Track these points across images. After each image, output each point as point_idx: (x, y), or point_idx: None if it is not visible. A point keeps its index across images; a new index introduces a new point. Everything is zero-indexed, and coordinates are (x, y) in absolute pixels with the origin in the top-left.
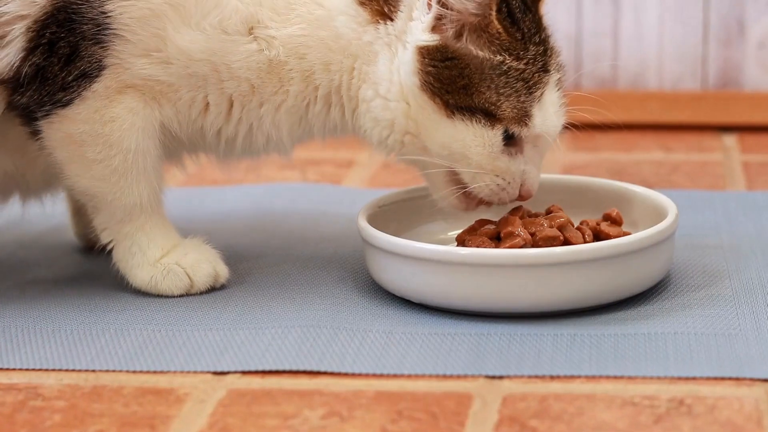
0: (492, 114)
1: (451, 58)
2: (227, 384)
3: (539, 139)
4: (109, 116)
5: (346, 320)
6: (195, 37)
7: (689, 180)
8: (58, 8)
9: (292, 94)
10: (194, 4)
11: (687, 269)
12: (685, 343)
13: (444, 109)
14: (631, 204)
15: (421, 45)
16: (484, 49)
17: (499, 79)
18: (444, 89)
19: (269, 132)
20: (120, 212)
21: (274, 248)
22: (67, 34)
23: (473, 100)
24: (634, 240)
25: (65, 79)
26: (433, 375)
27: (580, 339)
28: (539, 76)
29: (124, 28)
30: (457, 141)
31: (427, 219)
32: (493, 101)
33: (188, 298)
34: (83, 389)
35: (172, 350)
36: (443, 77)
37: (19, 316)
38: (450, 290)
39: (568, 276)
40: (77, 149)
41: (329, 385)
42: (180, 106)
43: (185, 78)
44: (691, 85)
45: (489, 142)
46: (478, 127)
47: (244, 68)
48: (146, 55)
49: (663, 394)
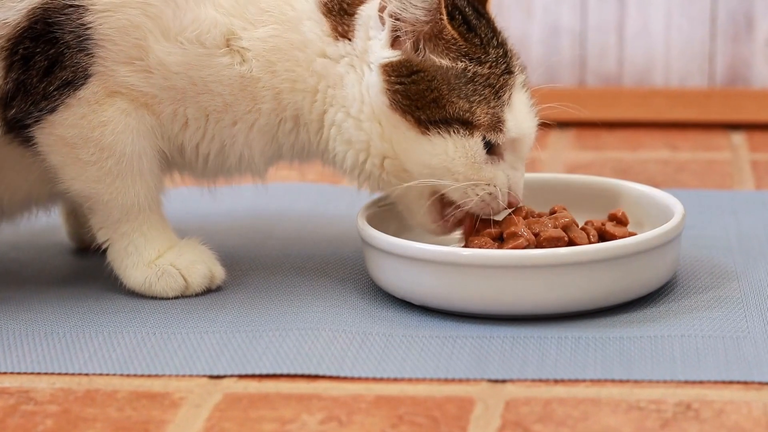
0: (468, 122)
1: (417, 71)
2: (223, 388)
3: (517, 143)
4: (98, 121)
5: (345, 323)
6: (172, 50)
7: (696, 179)
8: (35, 21)
9: (265, 113)
10: (172, 18)
11: (694, 270)
12: (693, 346)
13: (417, 127)
14: (637, 204)
15: (384, 63)
16: (443, 57)
17: (467, 87)
18: (414, 105)
19: (242, 151)
20: (117, 212)
21: (272, 249)
22: (44, 47)
23: (447, 112)
24: (639, 241)
25: (46, 89)
26: (434, 379)
27: (584, 342)
28: (504, 79)
29: (104, 38)
30: (436, 156)
31: None
32: (466, 109)
33: (183, 300)
34: (76, 393)
35: (167, 353)
36: (411, 93)
37: (10, 319)
38: (451, 292)
39: (572, 277)
40: (71, 151)
41: (328, 389)
42: (164, 119)
43: (166, 90)
44: (699, 81)
45: (471, 151)
46: (457, 138)
47: (216, 82)
48: (129, 62)
49: (670, 398)
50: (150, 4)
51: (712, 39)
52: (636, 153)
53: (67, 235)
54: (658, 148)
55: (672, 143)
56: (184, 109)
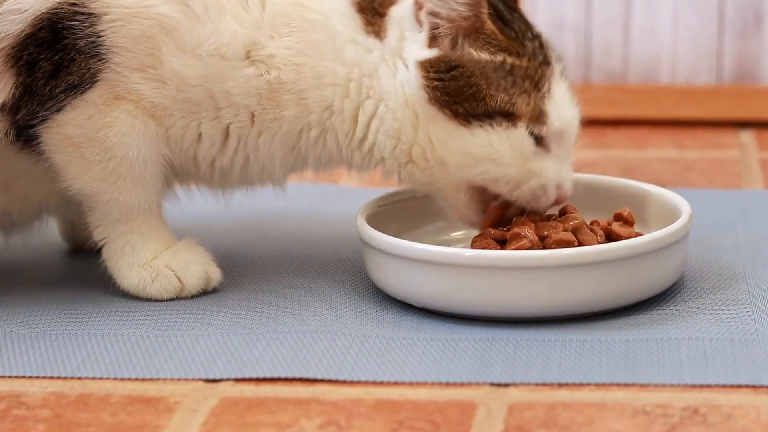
0: (510, 113)
1: (455, 67)
2: (220, 392)
3: (561, 134)
4: (104, 122)
5: (344, 325)
6: (190, 63)
7: (704, 178)
8: (39, 28)
9: (287, 120)
10: (189, 32)
11: (701, 271)
12: (700, 349)
13: (456, 119)
14: (643, 203)
15: (422, 60)
16: (483, 51)
17: (506, 80)
18: (453, 100)
19: (264, 162)
20: (116, 212)
21: (269, 250)
22: (48, 53)
23: (487, 105)
24: (646, 241)
25: (52, 91)
26: (436, 383)
27: (589, 345)
28: (542, 70)
29: (117, 45)
30: (478, 147)
31: (429, 219)
32: (506, 101)
33: (179, 302)
34: (69, 397)
35: (161, 357)
36: (451, 89)
37: (1, 321)
38: (453, 294)
39: (576, 279)
40: (76, 150)
41: (327, 393)
42: (173, 133)
43: (179, 102)
44: (706, 78)
45: (517, 142)
46: (501, 130)
47: (242, 95)
48: (141, 69)
49: (676, 402)
50: (166, 15)
51: (720, 35)
52: (642, 151)
53: (60, 235)
54: (665, 147)
55: (679, 141)
56: (198, 124)
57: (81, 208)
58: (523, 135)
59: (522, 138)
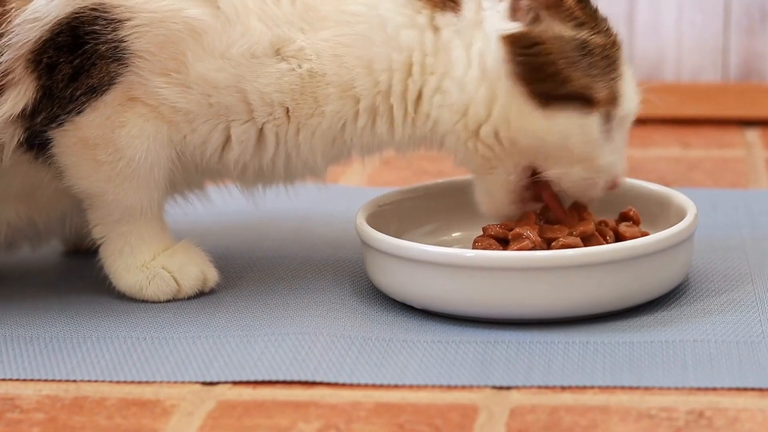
0: (588, 98)
1: (537, 44)
2: (217, 395)
3: (624, 120)
4: (118, 121)
5: (343, 327)
6: (221, 66)
7: (709, 178)
8: (58, 33)
9: (328, 115)
10: (219, 34)
11: (707, 272)
12: (705, 351)
13: (536, 99)
14: (648, 203)
15: (505, 34)
16: (563, 27)
17: (585, 60)
18: (535, 78)
19: (307, 159)
20: (118, 212)
21: (267, 250)
22: (69, 56)
23: (567, 87)
24: (650, 242)
25: (73, 94)
26: (437, 385)
27: (593, 347)
28: (616, 49)
29: (141, 50)
30: (554, 133)
31: (429, 219)
32: (585, 84)
33: (175, 304)
34: (63, 401)
35: (158, 359)
36: (533, 65)
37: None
38: (454, 295)
39: (580, 280)
40: (88, 152)
41: (326, 396)
42: (192, 140)
43: (205, 107)
44: (711, 76)
45: (589, 128)
46: (576, 115)
47: (276, 92)
48: (165, 73)
49: (681, 405)
50: (196, 19)
51: (725, 32)
52: (646, 150)
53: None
54: (670, 146)
55: (684, 140)
56: (225, 128)
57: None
58: (596, 121)
59: (595, 124)
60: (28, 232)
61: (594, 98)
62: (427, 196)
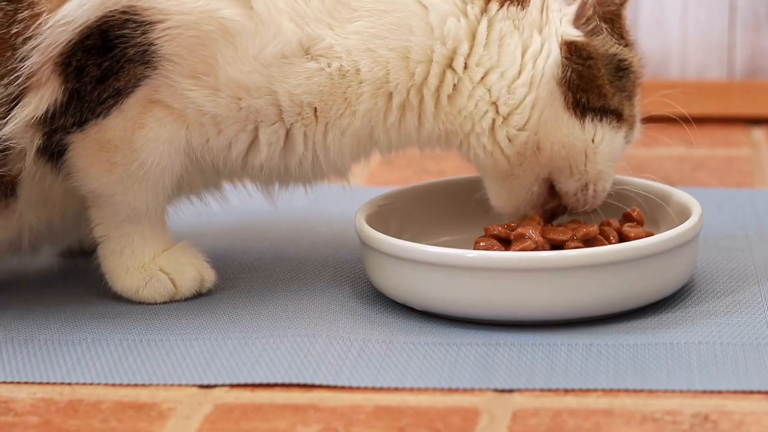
0: (621, 115)
1: (592, 57)
2: (214, 398)
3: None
4: (139, 122)
5: (342, 329)
6: (253, 67)
7: (715, 177)
8: (87, 36)
9: (360, 115)
10: (252, 36)
11: (712, 273)
12: (711, 353)
13: (574, 108)
14: (652, 203)
15: (568, 40)
16: (616, 46)
17: (622, 81)
18: (582, 87)
19: (335, 159)
20: (124, 213)
21: (265, 251)
22: (98, 59)
23: (607, 102)
24: (654, 242)
25: (100, 95)
26: (437, 388)
27: (596, 349)
28: (639, 78)
29: (171, 53)
30: (582, 142)
31: (431, 219)
32: (619, 102)
33: (172, 305)
34: (58, 404)
35: (154, 362)
36: (585, 76)
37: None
38: (456, 296)
39: (583, 281)
40: (104, 155)
41: (325, 399)
42: (216, 144)
43: (235, 111)
44: (717, 74)
45: (615, 145)
46: (608, 129)
47: (306, 92)
48: (194, 76)
49: (686, 409)
50: (231, 20)
51: (731, 29)
52: (651, 149)
53: None
54: (674, 145)
55: (689, 139)
56: (252, 130)
57: None
58: (621, 138)
59: (620, 141)
60: (47, 235)
61: (624, 116)
62: (428, 196)
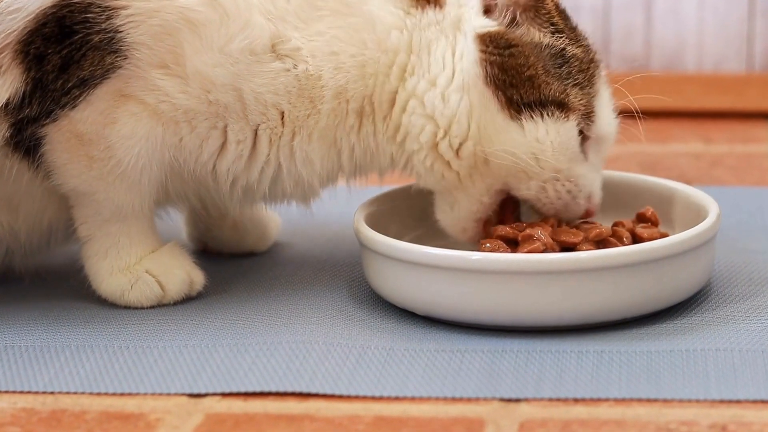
0: (564, 104)
1: (513, 45)
2: (205, 408)
3: (600, 142)
4: (111, 117)
5: (340, 335)
6: (219, 61)
7: (733, 175)
8: (43, 23)
9: (324, 114)
10: (218, 27)
11: (730, 276)
12: (729, 361)
13: (509, 108)
14: (667, 202)
15: (481, 32)
16: (542, 32)
17: (562, 69)
18: (509, 82)
19: (300, 172)
20: (108, 211)
21: (259, 252)
22: (56, 46)
23: (542, 92)
24: (669, 243)
25: (64, 86)
26: (440, 398)
27: (608, 356)
28: (594, 66)
29: (137, 41)
30: (525, 144)
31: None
32: (561, 90)
33: (160, 310)
34: (40, 414)
35: (141, 369)
36: (508, 67)
37: None
38: (460, 301)
39: (594, 285)
40: (81, 148)
41: (321, 409)
42: (188, 143)
43: (205, 104)
44: (735, 66)
45: (565, 136)
46: (551, 121)
47: (271, 92)
48: (163, 66)
49: (703, 419)
50: (192, 9)
51: (750, 18)
52: (665, 146)
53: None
54: (690, 141)
55: (705, 135)
56: (223, 128)
57: None
58: (573, 129)
59: (571, 132)
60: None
61: (569, 105)
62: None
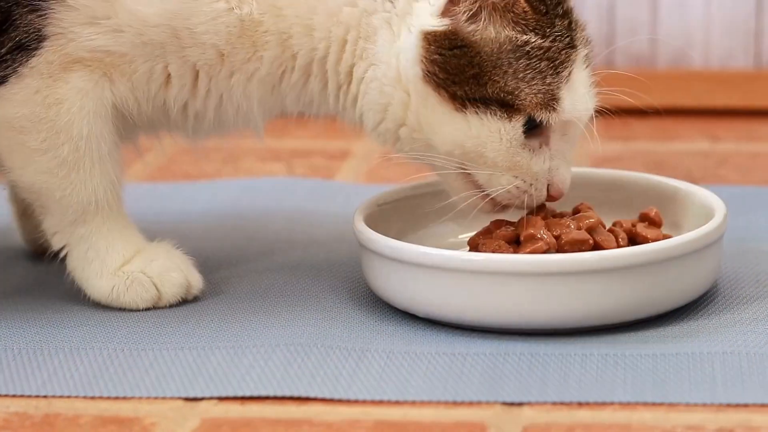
0: (509, 104)
1: (461, 46)
2: (201, 412)
3: (569, 126)
4: (54, 98)
5: (339, 338)
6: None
7: (739, 174)
8: None
9: (267, 61)
10: None
11: (737, 278)
12: (736, 364)
13: (451, 102)
14: (672, 202)
15: (427, 30)
16: (507, 29)
17: (519, 63)
18: (451, 80)
19: (239, 103)
20: (72, 212)
21: (256, 253)
22: None
23: (486, 90)
24: (675, 244)
25: None
26: (442, 402)
27: (612, 360)
28: (566, 53)
29: None
30: (471, 138)
31: (434, 220)
32: (509, 89)
33: (156, 313)
34: (33, 418)
35: (136, 373)
36: (450, 67)
37: None
38: (461, 303)
39: (598, 286)
40: (16, 137)
41: (320, 413)
42: (136, 80)
43: (140, 47)
44: (743, 63)
45: (507, 136)
46: (494, 120)
47: (210, 33)
48: (93, 23)
49: (710, 423)
50: None
51: (758, 14)
52: (671, 144)
53: (21, 237)
54: (697, 139)
55: (712, 133)
56: (164, 66)
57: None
58: (516, 129)
59: (513, 132)
60: None
61: (516, 104)
62: (431, 195)
